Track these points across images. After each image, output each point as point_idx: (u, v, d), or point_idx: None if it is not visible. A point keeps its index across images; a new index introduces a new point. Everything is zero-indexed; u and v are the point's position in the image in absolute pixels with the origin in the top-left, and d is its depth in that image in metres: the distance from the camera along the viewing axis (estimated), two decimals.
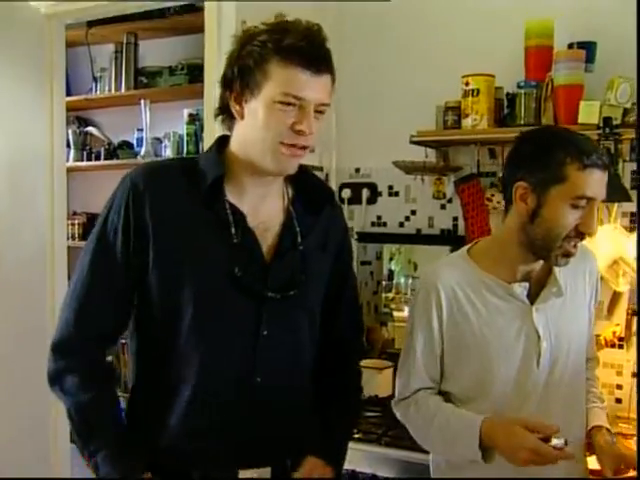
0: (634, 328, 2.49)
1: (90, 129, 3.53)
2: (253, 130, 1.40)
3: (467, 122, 2.54)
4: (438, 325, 1.67)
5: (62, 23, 2.97)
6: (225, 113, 1.46)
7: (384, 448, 2.28)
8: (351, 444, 2.24)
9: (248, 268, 1.43)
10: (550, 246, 1.56)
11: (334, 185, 3.01)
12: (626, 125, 2.27)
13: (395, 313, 3.13)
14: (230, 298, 1.43)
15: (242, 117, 1.41)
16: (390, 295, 3.15)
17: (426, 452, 1.82)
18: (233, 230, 1.42)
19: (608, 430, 1.68)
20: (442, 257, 2.79)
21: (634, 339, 2.49)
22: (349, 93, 2.96)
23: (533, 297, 1.65)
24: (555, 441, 1.48)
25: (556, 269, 1.67)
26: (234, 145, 1.46)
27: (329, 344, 1.61)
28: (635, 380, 2.45)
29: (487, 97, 2.51)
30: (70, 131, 3.39)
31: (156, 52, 3.24)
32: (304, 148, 1.42)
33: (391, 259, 3.12)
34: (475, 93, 2.51)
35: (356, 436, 2.34)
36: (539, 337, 1.62)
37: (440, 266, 1.76)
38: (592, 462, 1.74)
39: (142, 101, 3.08)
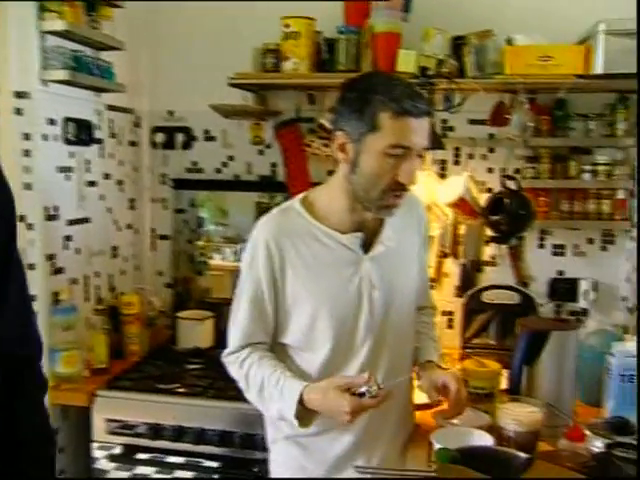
0: (444, 269, 2.65)
1: None
2: None
3: (287, 65, 2.48)
4: (268, 278, 1.64)
5: None
6: None
7: (211, 400, 2.22)
8: (176, 399, 2.22)
9: None
10: (370, 197, 1.56)
11: (146, 129, 2.83)
12: (440, 75, 2.35)
13: (210, 262, 3.07)
14: None
15: None
16: (201, 243, 3.07)
17: None
18: None
19: (438, 366, 1.75)
20: (253, 204, 2.85)
21: (444, 279, 2.65)
22: (162, 32, 2.79)
23: (367, 247, 1.66)
24: (367, 388, 1.48)
25: (388, 218, 1.69)
26: None
27: None
28: (446, 317, 2.64)
29: (308, 41, 2.46)
30: None
31: None
32: None
33: (202, 206, 3.02)
34: (296, 36, 2.45)
35: (180, 390, 2.28)
36: (373, 286, 1.64)
37: (271, 217, 1.71)
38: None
39: None
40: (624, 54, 2.15)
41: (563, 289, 2.59)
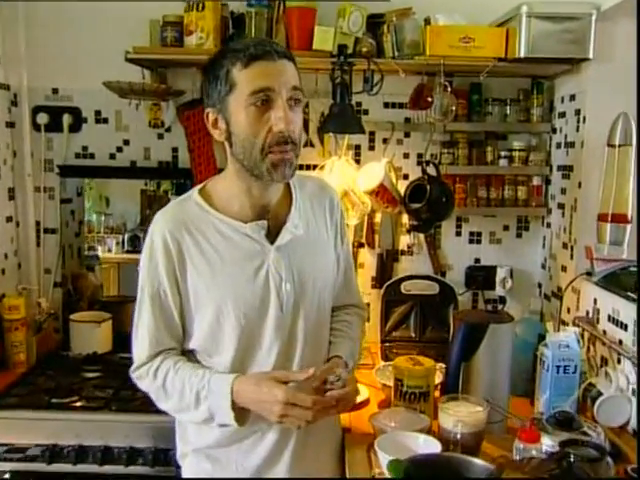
0: (360, 260, 2.54)
1: None
2: None
3: (191, 40, 2.26)
4: (168, 277, 1.50)
5: None
6: None
7: (115, 414, 1.98)
8: (75, 415, 1.98)
9: None
10: (255, 161, 1.44)
11: (27, 108, 2.49)
12: (358, 55, 2.22)
13: (101, 255, 2.81)
14: None
15: None
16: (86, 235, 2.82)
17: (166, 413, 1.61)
18: None
19: (345, 364, 1.58)
20: (138, 192, 2.64)
21: (360, 270, 2.54)
22: None
23: (274, 236, 1.53)
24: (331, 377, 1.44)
25: (295, 205, 1.58)
26: None
27: None
28: None
29: (213, 13, 2.25)
30: None
31: None
32: None
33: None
34: (200, 7, 2.23)
35: (79, 404, 2.02)
36: (281, 278, 1.51)
37: (167, 209, 1.57)
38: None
39: None
40: (545, 38, 2.11)
41: (480, 277, 2.55)
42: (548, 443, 1.51)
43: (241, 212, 1.52)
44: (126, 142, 2.55)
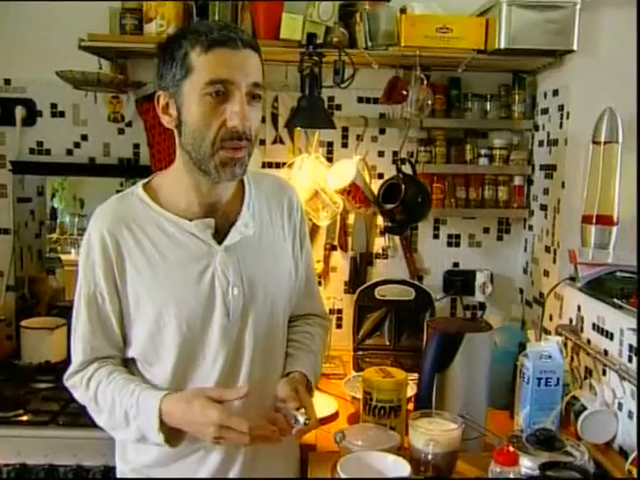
0: (332, 263, 2.41)
1: None
2: None
3: (151, 27, 2.13)
4: (106, 278, 1.37)
5: None
6: None
7: (62, 430, 1.83)
8: (18, 430, 1.83)
9: None
10: (204, 155, 1.31)
11: None
12: (328, 45, 2.08)
13: (63, 257, 2.71)
14: None
15: None
16: (54, 236, 2.73)
17: None
18: None
19: (308, 381, 1.46)
20: (114, 192, 2.47)
21: (332, 274, 2.41)
22: None
23: (222, 236, 1.40)
24: (300, 417, 1.29)
25: (246, 203, 1.45)
26: None
27: None
28: (335, 316, 2.39)
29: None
30: None
31: None
32: None
33: (54, 195, 2.69)
34: None
35: (24, 419, 1.87)
36: (229, 282, 1.38)
37: (107, 205, 1.44)
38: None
39: None
40: (527, 28, 1.99)
41: (459, 282, 2.42)
42: (527, 465, 1.38)
43: (188, 209, 1.38)
44: (84, 137, 2.40)
